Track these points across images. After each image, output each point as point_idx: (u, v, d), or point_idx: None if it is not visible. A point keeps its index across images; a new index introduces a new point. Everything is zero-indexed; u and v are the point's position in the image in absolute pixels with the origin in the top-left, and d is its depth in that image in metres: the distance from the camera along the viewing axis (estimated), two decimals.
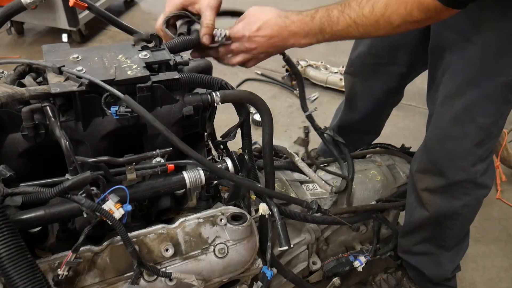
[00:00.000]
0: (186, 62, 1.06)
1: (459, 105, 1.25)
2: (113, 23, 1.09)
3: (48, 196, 0.82)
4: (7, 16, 1.01)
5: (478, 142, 1.29)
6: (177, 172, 1.00)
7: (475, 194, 1.41)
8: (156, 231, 1.00)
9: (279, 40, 1.14)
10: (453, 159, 1.32)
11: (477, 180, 1.35)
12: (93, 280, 0.92)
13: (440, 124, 1.33)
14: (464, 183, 1.36)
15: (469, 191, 1.38)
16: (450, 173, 1.34)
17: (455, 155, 1.32)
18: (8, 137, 0.91)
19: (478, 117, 1.25)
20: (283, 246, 1.11)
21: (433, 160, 1.37)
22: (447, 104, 1.28)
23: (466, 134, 1.28)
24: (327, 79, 3.06)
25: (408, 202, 1.57)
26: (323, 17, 1.10)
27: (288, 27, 1.13)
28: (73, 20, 3.29)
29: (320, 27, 1.11)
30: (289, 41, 1.15)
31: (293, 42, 1.15)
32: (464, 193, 1.38)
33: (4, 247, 0.72)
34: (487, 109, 1.24)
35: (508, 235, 2.15)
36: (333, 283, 1.54)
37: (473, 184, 1.36)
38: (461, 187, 1.37)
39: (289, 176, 1.48)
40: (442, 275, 1.61)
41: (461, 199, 1.39)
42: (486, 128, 1.27)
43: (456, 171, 1.33)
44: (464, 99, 1.23)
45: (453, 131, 1.30)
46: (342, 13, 1.08)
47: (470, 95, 1.22)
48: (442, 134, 1.33)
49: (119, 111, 0.91)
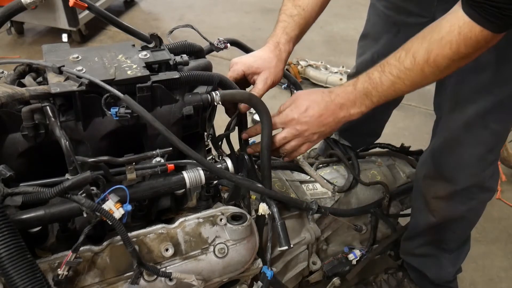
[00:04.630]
0: (186, 62, 1.06)
1: (472, 111, 1.23)
2: (113, 23, 1.09)
3: (48, 196, 0.82)
4: (7, 16, 1.01)
5: (491, 148, 1.28)
6: (177, 172, 1.00)
7: (481, 198, 1.40)
8: (156, 231, 1.00)
9: (329, 115, 1.13)
10: (465, 166, 1.31)
11: (485, 184, 1.35)
12: (93, 280, 0.92)
13: (450, 130, 1.31)
14: (472, 188, 1.35)
15: (475, 195, 1.37)
16: (461, 179, 1.32)
17: (467, 162, 1.30)
18: (8, 137, 0.91)
19: (491, 124, 1.23)
20: (283, 246, 1.11)
21: (443, 166, 1.35)
22: (458, 110, 1.26)
23: (479, 140, 1.26)
24: (327, 79, 3.07)
25: (414, 207, 1.57)
26: (365, 81, 1.09)
27: (334, 101, 1.13)
28: (73, 20, 3.30)
29: (365, 92, 1.10)
30: (339, 115, 1.13)
31: (344, 115, 1.13)
32: (470, 197, 1.37)
33: (4, 247, 0.72)
34: (500, 115, 1.23)
35: (508, 235, 2.15)
36: (333, 283, 1.54)
37: (480, 189, 1.35)
38: (468, 192, 1.36)
39: (289, 176, 1.48)
40: (443, 277, 1.61)
41: (467, 204, 1.39)
42: (499, 134, 1.26)
43: (467, 178, 1.32)
44: (477, 106, 1.22)
45: (464, 137, 1.28)
46: (383, 72, 1.06)
47: (484, 101, 1.20)
48: (453, 141, 1.31)
49: (119, 112, 0.91)
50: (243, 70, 1.23)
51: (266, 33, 1.34)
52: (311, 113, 1.14)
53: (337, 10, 3.99)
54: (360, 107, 1.12)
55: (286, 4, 1.31)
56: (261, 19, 3.93)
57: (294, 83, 1.55)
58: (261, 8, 4.14)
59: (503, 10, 0.88)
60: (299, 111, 1.15)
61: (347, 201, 1.52)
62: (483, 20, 0.91)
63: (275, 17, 1.34)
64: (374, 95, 1.09)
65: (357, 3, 4.00)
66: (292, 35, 1.29)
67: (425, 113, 2.91)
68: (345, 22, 3.84)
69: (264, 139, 1.12)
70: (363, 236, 1.60)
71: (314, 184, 1.49)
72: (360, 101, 1.11)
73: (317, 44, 3.56)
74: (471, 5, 0.91)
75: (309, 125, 1.15)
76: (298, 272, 1.42)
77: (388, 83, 1.06)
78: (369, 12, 1.65)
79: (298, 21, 1.28)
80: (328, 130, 1.17)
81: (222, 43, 1.26)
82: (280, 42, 1.27)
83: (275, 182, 1.40)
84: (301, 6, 1.28)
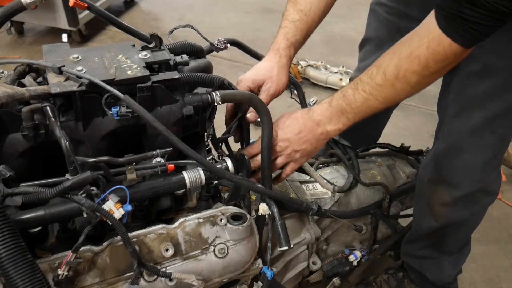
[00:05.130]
0: (186, 62, 1.06)
1: (479, 116, 1.22)
2: (113, 23, 1.09)
3: (48, 196, 0.82)
4: (7, 16, 1.01)
5: (496, 153, 1.27)
6: (177, 172, 1.00)
7: (484, 201, 1.39)
8: (156, 231, 1.00)
9: (307, 132, 1.15)
10: (470, 171, 1.30)
11: (488, 188, 1.34)
12: (93, 280, 0.92)
13: (455, 135, 1.29)
14: (476, 193, 1.34)
15: (478, 199, 1.36)
16: (466, 185, 1.31)
17: (472, 167, 1.29)
18: (8, 137, 0.91)
19: (499, 129, 1.23)
20: (283, 246, 1.11)
21: (447, 171, 1.34)
22: (464, 115, 1.25)
23: (486, 146, 1.25)
24: (327, 79, 3.07)
25: (416, 211, 1.56)
26: (340, 98, 1.11)
27: (311, 117, 1.15)
28: (73, 20, 3.30)
29: (339, 109, 1.11)
30: (317, 131, 1.15)
31: (321, 131, 1.15)
32: (474, 202, 1.36)
33: (4, 247, 0.72)
34: (508, 120, 1.22)
35: (508, 235, 2.15)
36: (333, 283, 1.54)
37: (484, 193, 1.35)
38: (472, 197, 1.35)
39: (289, 176, 1.48)
40: (444, 279, 1.61)
41: (470, 208, 1.38)
42: (505, 139, 1.25)
43: (472, 183, 1.31)
44: (485, 111, 1.20)
45: (470, 143, 1.26)
46: (356, 90, 1.08)
47: (492, 106, 1.19)
48: (458, 146, 1.29)
49: (120, 112, 0.91)
50: (248, 86, 1.24)
51: (266, 33, 1.35)
52: (290, 129, 1.16)
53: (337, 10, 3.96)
54: (337, 124, 1.14)
55: (288, 10, 1.32)
56: (261, 19, 3.93)
57: (294, 83, 1.55)
58: (261, 8, 4.14)
59: (473, 24, 0.87)
60: (280, 128, 1.17)
61: (347, 201, 1.52)
62: (453, 34, 0.91)
63: (275, 17, 1.34)
64: (349, 111, 1.11)
65: (357, 3, 4.00)
66: (293, 40, 1.29)
67: (425, 113, 2.91)
68: (345, 22, 3.84)
69: (264, 139, 1.12)
70: (363, 236, 1.60)
71: (314, 184, 1.49)
72: (336, 118, 1.13)
73: (317, 44, 3.55)
74: (444, 15, 0.91)
75: (290, 141, 1.16)
76: (298, 272, 1.43)
77: (361, 99, 1.07)
78: (370, 17, 1.64)
79: (299, 26, 1.29)
80: (309, 148, 1.18)
81: (222, 43, 1.26)
82: (280, 48, 1.28)
83: None
84: (303, 11, 1.29)
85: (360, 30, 1.72)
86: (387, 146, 1.80)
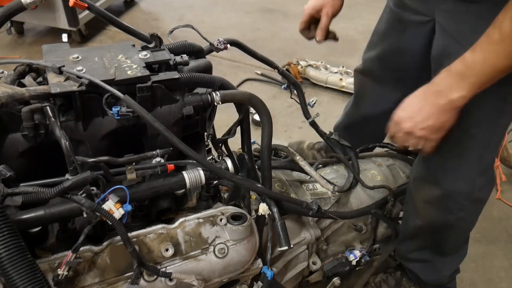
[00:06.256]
0: (186, 62, 1.06)
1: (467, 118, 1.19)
2: (113, 23, 1.09)
3: (48, 196, 0.82)
4: (7, 16, 1.01)
5: (480, 155, 1.27)
6: (177, 172, 1.00)
7: (471, 209, 1.39)
8: (156, 231, 1.00)
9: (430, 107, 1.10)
10: (451, 170, 1.31)
11: (475, 195, 1.34)
12: (93, 280, 0.92)
13: None
14: (459, 198, 1.34)
15: (464, 207, 1.36)
16: (446, 182, 1.32)
17: (454, 165, 1.30)
18: (8, 137, 0.91)
19: (480, 131, 1.23)
20: (283, 246, 1.11)
21: (431, 169, 1.35)
22: None
23: (467, 146, 1.25)
24: (327, 79, 3.06)
25: (405, 209, 1.57)
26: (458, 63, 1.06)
27: (430, 90, 1.11)
28: (73, 20, 3.30)
29: (459, 74, 1.06)
30: (440, 103, 1.09)
31: (444, 102, 1.09)
32: (459, 208, 1.36)
33: (4, 247, 0.72)
34: (489, 122, 1.22)
35: (508, 235, 2.15)
36: (333, 283, 1.54)
37: (470, 200, 1.34)
38: (456, 203, 1.35)
39: (289, 176, 1.48)
40: (438, 281, 1.61)
41: (455, 213, 1.38)
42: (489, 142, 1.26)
43: (453, 182, 1.32)
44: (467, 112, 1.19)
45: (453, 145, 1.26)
46: (474, 51, 1.03)
47: (474, 108, 1.18)
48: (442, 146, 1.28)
49: (121, 112, 0.91)
50: (309, 14, 1.48)
51: (266, 33, 1.35)
52: (411, 108, 1.13)
53: None
54: (459, 91, 1.06)
55: None
56: (261, 19, 3.93)
57: (294, 83, 1.55)
58: (261, 8, 4.13)
59: None
60: (401, 108, 1.15)
61: (347, 201, 1.52)
62: None
63: (275, 17, 1.34)
64: (469, 75, 1.05)
65: (357, 3, 4.00)
66: None
67: None
68: (345, 22, 3.84)
69: (264, 139, 1.12)
70: (363, 236, 1.60)
71: (314, 184, 1.49)
72: (456, 85, 1.06)
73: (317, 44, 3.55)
74: None
75: (414, 120, 1.12)
76: (298, 272, 1.43)
77: (481, 60, 1.02)
78: (384, 10, 1.65)
79: None
80: (436, 123, 1.11)
81: (222, 43, 1.26)
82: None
83: (275, 182, 1.40)
84: None
85: (360, 30, 1.72)
86: (387, 146, 1.80)
